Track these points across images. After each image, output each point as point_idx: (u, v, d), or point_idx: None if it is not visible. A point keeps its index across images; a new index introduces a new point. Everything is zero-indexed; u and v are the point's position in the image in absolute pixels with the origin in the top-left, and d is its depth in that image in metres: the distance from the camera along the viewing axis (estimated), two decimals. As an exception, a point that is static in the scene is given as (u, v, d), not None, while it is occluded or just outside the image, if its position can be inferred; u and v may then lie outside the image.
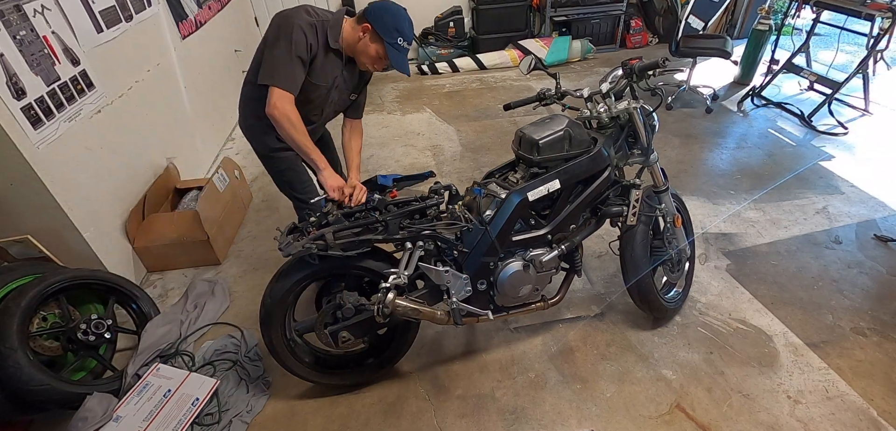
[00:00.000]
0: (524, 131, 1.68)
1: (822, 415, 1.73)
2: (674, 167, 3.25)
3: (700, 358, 1.95)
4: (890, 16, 3.26)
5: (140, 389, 1.79)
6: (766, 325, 2.09)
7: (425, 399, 1.86)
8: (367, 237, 1.49)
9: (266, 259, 2.63)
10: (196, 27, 3.52)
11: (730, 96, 4.28)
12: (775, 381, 1.85)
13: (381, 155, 3.64)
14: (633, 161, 1.86)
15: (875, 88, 3.83)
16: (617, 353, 1.99)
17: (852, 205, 2.82)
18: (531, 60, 1.87)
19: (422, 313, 1.62)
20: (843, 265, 2.39)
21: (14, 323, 1.63)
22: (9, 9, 1.86)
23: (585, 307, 2.22)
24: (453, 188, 1.70)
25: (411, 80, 5.06)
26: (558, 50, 5.13)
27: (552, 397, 1.84)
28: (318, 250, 1.44)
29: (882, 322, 2.07)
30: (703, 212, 2.81)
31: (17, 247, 1.99)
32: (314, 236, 1.46)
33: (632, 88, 1.78)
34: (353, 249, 1.49)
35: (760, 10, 4.25)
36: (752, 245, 2.55)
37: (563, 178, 1.65)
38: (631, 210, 1.80)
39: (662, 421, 1.73)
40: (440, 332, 2.12)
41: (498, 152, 3.54)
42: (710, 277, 2.35)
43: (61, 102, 2.07)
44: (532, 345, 2.05)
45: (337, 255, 1.47)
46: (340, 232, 1.50)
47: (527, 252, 1.73)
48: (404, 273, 1.52)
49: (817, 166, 3.22)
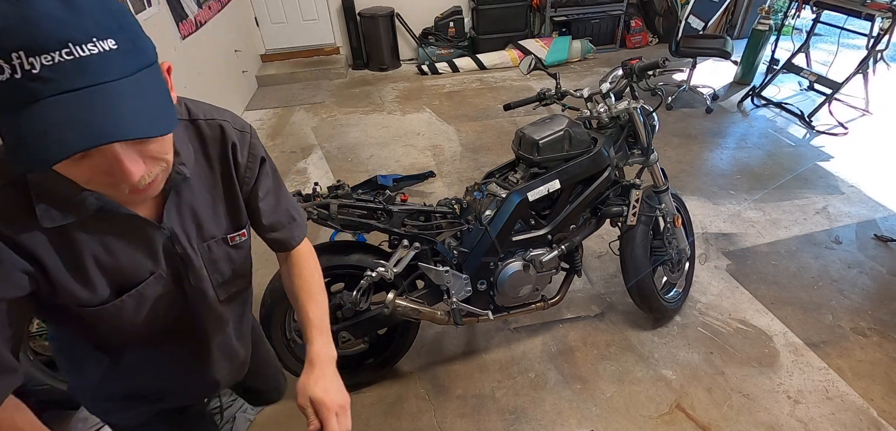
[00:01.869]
0: (524, 131, 1.68)
1: (822, 415, 1.73)
2: (674, 167, 3.25)
3: (700, 358, 1.95)
4: (890, 16, 3.26)
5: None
6: (766, 325, 2.09)
7: (425, 399, 1.86)
8: (368, 222, 1.50)
9: (266, 259, 2.63)
10: (196, 27, 3.52)
11: (730, 96, 4.28)
12: (775, 381, 1.85)
13: (381, 155, 3.64)
14: (633, 161, 1.86)
15: (875, 88, 3.83)
16: (617, 353, 1.99)
17: (852, 205, 2.82)
18: (531, 60, 1.87)
19: (422, 313, 1.62)
20: (843, 265, 2.39)
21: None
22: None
23: (585, 307, 2.22)
24: (464, 202, 1.69)
25: (411, 79, 5.07)
26: (558, 50, 5.13)
27: (552, 397, 1.84)
28: (318, 216, 1.45)
29: (882, 322, 2.07)
30: (703, 212, 2.81)
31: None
32: (319, 202, 1.47)
33: (632, 88, 1.78)
34: (353, 228, 1.49)
35: (760, 10, 4.25)
36: (752, 245, 2.55)
37: (563, 178, 1.65)
38: (631, 210, 1.80)
39: (662, 421, 1.73)
40: (440, 332, 2.12)
41: (498, 152, 3.54)
42: (710, 277, 2.35)
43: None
44: (532, 345, 2.05)
45: (334, 226, 1.47)
46: (345, 207, 1.50)
47: (527, 252, 1.73)
48: (393, 269, 1.52)
49: (817, 166, 3.22)
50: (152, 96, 0.55)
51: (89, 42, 0.48)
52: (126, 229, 0.70)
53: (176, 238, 0.75)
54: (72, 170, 0.53)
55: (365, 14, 5.03)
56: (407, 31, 5.31)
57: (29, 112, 0.47)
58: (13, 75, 0.46)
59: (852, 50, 4.50)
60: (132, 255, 0.72)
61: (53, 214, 0.62)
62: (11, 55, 0.45)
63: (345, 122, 4.18)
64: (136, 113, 0.51)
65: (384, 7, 5.09)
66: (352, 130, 4.01)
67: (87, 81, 0.48)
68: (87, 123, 0.48)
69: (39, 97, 0.47)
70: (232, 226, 0.84)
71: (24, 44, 0.45)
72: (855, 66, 3.56)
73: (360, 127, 4.06)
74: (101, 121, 0.49)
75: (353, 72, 5.39)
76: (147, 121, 0.52)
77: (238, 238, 0.85)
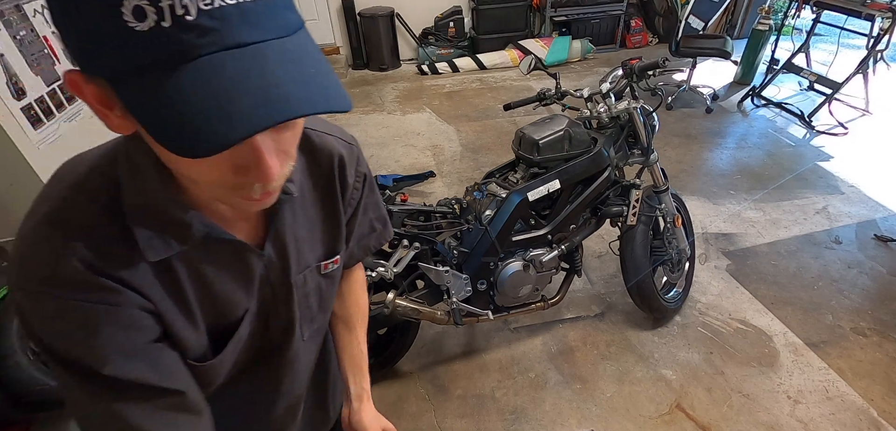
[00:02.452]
0: (524, 131, 1.68)
1: (822, 415, 1.73)
2: (674, 167, 3.25)
3: (700, 358, 1.95)
4: (890, 16, 3.26)
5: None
6: (766, 325, 2.09)
7: (425, 399, 1.86)
8: None
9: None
10: (196, 27, 3.52)
11: (730, 96, 4.28)
12: (775, 381, 1.85)
13: (381, 155, 3.63)
14: (633, 161, 1.86)
15: (875, 88, 3.83)
16: (617, 353, 1.99)
17: (852, 205, 2.82)
18: (531, 59, 1.87)
19: (422, 313, 1.62)
20: (843, 265, 2.39)
21: (14, 324, 1.63)
22: (9, 9, 1.85)
23: (585, 307, 2.22)
24: (464, 202, 1.69)
25: (411, 79, 5.07)
26: (558, 50, 5.13)
27: (552, 397, 1.84)
28: None
29: (882, 322, 2.07)
30: (703, 212, 2.81)
31: (17, 247, 1.99)
32: None
33: (632, 88, 1.78)
34: None
35: (760, 10, 4.25)
36: (752, 245, 2.54)
37: (563, 178, 1.65)
38: (631, 210, 1.80)
39: (662, 421, 1.73)
40: (440, 332, 2.12)
41: (498, 152, 3.54)
42: (710, 277, 2.35)
43: (61, 103, 2.07)
44: (532, 345, 2.05)
45: None
46: None
47: (527, 252, 1.73)
48: (392, 269, 1.52)
49: (817, 166, 3.22)
50: (320, 61, 0.42)
51: None
52: (226, 258, 0.56)
53: (273, 267, 0.61)
54: (206, 165, 0.41)
55: (365, 14, 5.03)
56: (407, 31, 5.31)
57: (183, 75, 0.34)
58: (159, 23, 0.33)
59: (852, 50, 4.50)
60: (228, 289, 0.58)
61: (156, 243, 0.49)
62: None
63: (345, 122, 4.18)
64: (317, 82, 0.39)
65: (384, 7, 5.09)
66: (352, 130, 3.95)
67: (255, 34, 0.37)
68: (266, 92, 0.36)
69: (195, 55, 0.35)
70: (326, 253, 0.70)
71: None
72: (855, 66, 3.56)
73: (360, 127, 4.06)
74: (286, 90, 0.37)
75: (353, 72, 5.39)
76: (333, 91, 0.40)
77: (331, 266, 0.71)
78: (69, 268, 0.45)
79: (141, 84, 0.35)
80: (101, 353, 0.47)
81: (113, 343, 0.47)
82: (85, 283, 0.45)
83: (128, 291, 0.48)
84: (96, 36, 0.35)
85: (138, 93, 0.35)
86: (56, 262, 0.45)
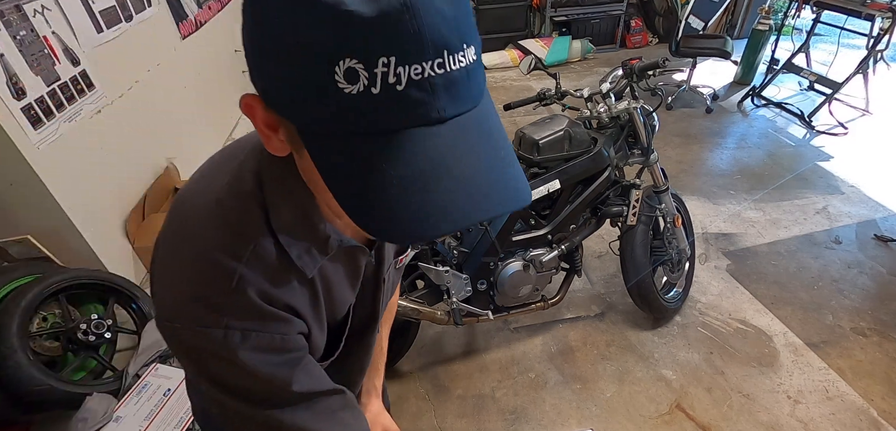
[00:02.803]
0: (524, 131, 1.68)
1: (822, 415, 1.73)
2: (674, 167, 3.25)
3: (700, 358, 1.95)
4: (890, 16, 3.26)
5: (139, 389, 1.79)
6: (766, 325, 2.09)
7: (425, 399, 1.86)
8: None
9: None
10: (196, 27, 3.52)
11: (730, 96, 4.28)
12: (775, 381, 1.85)
13: (381, 155, 3.64)
14: (633, 161, 1.86)
15: (875, 88, 3.82)
16: (617, 353, 1.99)
17: (852, 205, 2.82)
18: (531, 60, 1.87)
19: (422, 313, 1.62)
20: (843, 265, 2.39)
21: (14, 323, 1.63)
22: (9, 9, 1.85)
23: (585, 307, 2.22)
24: None
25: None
26: (558, 50, 5.13)
27: (552, 397, 1.84)
28: None
29: (882, 322, 2.07)
30: (703, 212, 2.81)
31: (17, 247, 1.99)
32: None
33: (632, 88, 1.78)
34: None
35: (760, 10, 4.25)
36: (752, 245, 2.54)
37: (563, 178, 1.65)
38: (631, 210, 1.80)
39: (662, 421, 1.73)
40: (440, 332, 2.12)
41: (498, 152, 3.54)
42: (710, 277, 2.35)
43: (61, 103, 2.06)
44: (532, 345, 2.05)
45: None
46: None
47: (527, 252, 1.73)
48: None
49: (817, 166, 3.22)
50: (501, 131, 0.40)
51: (460, 50, 0.34)
52: (344, 262, 0.58)
53: (371, 265, 0.64)
54: None
55: (365, 14, 5.03)
56: (407, 31, 5.31)
57: (383, 149, 0.33)
58: (369, 89, 0.31)
59: (852, 50, 4.49)
60: (343, 290, 0.60)
61: (306, 259, 0.50)
62: (379, 61, 0.31)
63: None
64: (507, 174, 0.38)
65: (384, 7, 5.09)
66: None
67: (455, 107, 0.35)
68: (465, 185, 0.35)
69: (399, 127, 0.33)
70: (398, 248, 0.73)
71: (398, 47, 0.31)
72: (855, 66, 3.56)
73: (360, 127, 4.06)
74: (478, 182, 0.35)
75: (353, 72, 5.38)
76: (521, 184, 0.40)
77: (404, 260, 0.75)
78: (247, 301, 0.45)
79: (337, 146, 0.34)
80: (283, 377, 0.50)
81: (288, 365, 0.51)
82: (261, 315, 0.46)
83: (295, 319, 0.51)
84: (300, 85, 0.33)
85: (331, 153, 0.35)
86: (235, 295, 0.45)
